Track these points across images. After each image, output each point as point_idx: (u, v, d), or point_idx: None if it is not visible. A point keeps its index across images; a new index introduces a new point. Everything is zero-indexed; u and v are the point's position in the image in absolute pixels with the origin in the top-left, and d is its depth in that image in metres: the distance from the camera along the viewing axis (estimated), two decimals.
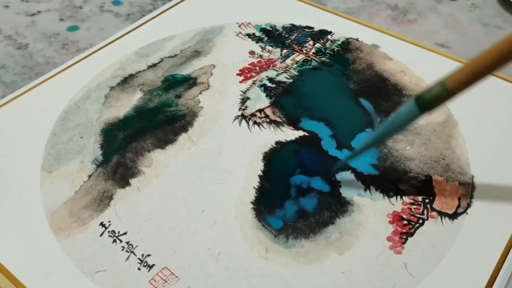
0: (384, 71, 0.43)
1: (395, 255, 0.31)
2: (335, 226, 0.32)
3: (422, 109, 0.30)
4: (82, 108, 0.40)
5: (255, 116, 0.39)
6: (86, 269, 0.30)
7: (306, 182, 0.34)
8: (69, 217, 0.33)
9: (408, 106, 0.31)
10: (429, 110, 0.30)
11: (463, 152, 0.36)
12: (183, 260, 0.30)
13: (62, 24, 0.50)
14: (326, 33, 0.47)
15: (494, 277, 0.30)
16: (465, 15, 0.50)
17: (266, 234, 0.32)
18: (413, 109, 0.30)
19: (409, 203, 0.33)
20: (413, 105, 0.30)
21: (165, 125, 0.38)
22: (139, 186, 0.34)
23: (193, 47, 0.46)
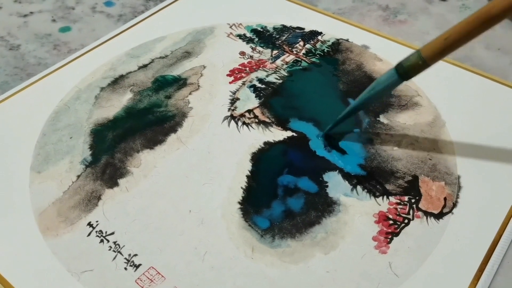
0: (373, 72, 0.43)
1: (380, 254, 0.31)
2: (321, 226, 0.32)
3: (401, 76, 0.33)
4: (72, 109, 0.40)
5: (244, 117, 0.39)
6: (73, 269, 0.30)
7: (293, 182, 0.35)
8: (57, 217, 0.33)
9: (388, 73, 0.34)
10: (407, 77, 0.33)
11: (450, 152, 0.37)
12: (170, 259, 0.31)
13: (54, 25, 0.50)
14: (316, 33, 0.47)
15: (478, 277, 0.30)
16: (456, 16, 0.50)
17: (253, 234, 0.32)
18: (393, 76, 0.33)
19: (395, 203, 0.34)
20: (393, 73, 0.33)
21: (154, 125, 0.39)
22: (127, 186, 0.34)
23: (184, 48, 0.46)
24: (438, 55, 0.32)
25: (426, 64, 0.32)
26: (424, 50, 0.32)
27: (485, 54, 0.46)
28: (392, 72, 0.34)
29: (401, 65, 0.33)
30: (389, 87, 0.35)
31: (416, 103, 0.40)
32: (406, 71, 0.33)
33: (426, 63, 0.32)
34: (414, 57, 0.32)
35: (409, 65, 0.33)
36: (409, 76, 0.33)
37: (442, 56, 0.32)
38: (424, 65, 0.32)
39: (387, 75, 0.34)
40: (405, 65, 0.33)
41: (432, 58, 0.32)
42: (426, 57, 0.32)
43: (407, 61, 0.33)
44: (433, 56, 0.32)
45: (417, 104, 0.40)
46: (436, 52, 0.32)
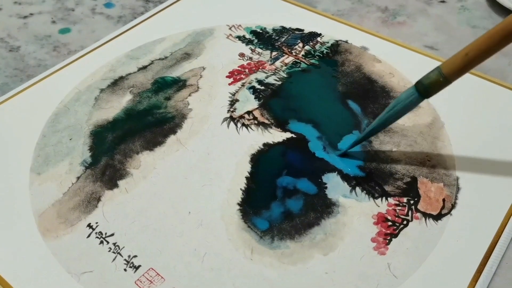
0: (372, 73, 0.43)
1: (379, 255, 0.31)
2: (320, 227, 0.32)
3: (421, 94, 0.32)
4: (72, 110, 0.40)
5: (244, 118, 0.39)
6: (73, 270, 0.30)
7: (293, 183, 0.35)
8: (57, 219, 0.33)
9: (408, 92, 0.33)
10: (428, 95, 0.32)
11: (449, 153, 0.37)
12: (169, 261, 0.31)
13: (54, 27, 0.50)
14: (315, 35, 0.47)
15: (477, 278, 0.30)
16: (455, 17, 0.51)
17: (252, 235, 0.32)
18: (413, 95, 0.32)
19: (394, 204, 0.34)
20: (413, 91, 0.32)
21: (154, 127, 0.39)
22: (127, 188, 0.35)
23: (184, 49, 0.46)
24: (459, 71, 0.31)
25: (448, 81, 0.31)
26: (445, 67, 0.31)
27: None
28: (412, 91, 0.33)
29: (421, 83, 0.32)
30: (410, 106, 0.33)
31: None
32: (427, 89, 0.32)
33: (448, 80, 0.31)
34: (435, 74, 0.32)
35: (429, 83, 0.32)
36: (430, 94, 0.32)
37: (464, 72, 0.31)
38: (445, 82, 0.31)
39: (407, 93, 0.33)
40: (425, 83, 0.32)
41: (453, 75, 0.31)
42: (447, 74, 0.31)
43: (427, 78, 0.32)
44: (454, 73, 0.31)
45: None
46: (457, 69, 0.31)
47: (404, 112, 0.34)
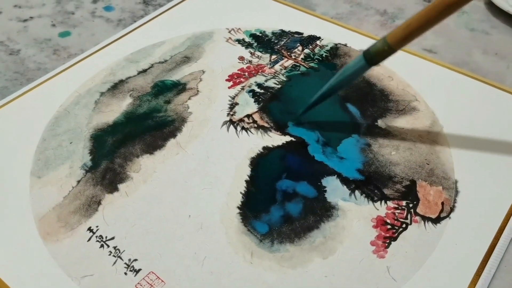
0: (371, 77, 0.43)
1: (378, 259, 0.31)
2: (320, 230, 0.32)
3: (368, 62, 0.35)
4: (72, 114, 0.40)
5: (243, 122, 0.40)
6: (73, 274, 0.30)
7: (292, 187, 0.35)
8: (57, 222, 0.33)
9: (356, 59, 0.36)
10: (374, 63, 0.35)
11: (447, 157, 0.37)
12: (169, 264, 0.31)
13: (53, 30, 0.51)
14: (315, 38, 0.47)
15: (476, 281, 0.30)
16: (453, 20, 0.51)
17: (252, 238, 0.32)
18: (360, 62, 0.35)
19: (393, 207, 0.34)
20: (361, 58, 0.35)
21: (154, 130, 0.39)
22: (127, 191, 0.35)
23: (183, 52, 0.46)
24: (402, 41, 0.33)
25: (392, 50, 0.34)
26: (390, 37, 0.34)
27: (482, 59, 0.46)
28: (360, 58, 0.35)
29: (368, 51, 0.35)
30: (358, 72, 0.36)
31: (414, 108, 0.41)
32: (373, 57, 0.35)
33: (392, 49, 0.34)
34: (381, 43, 0.34)
35: (376, 51, 0.34)
36: (376, 61, 0.35)
37: (406, 42, 0.33)
38: (389, 50, 0.34)
39: (355, 60, 0.36)
40: (372, 51, 0.35)
41: (396, 44, 0.34)
42: (392, 43, 0.34)
43: (374, 47, 0.34)
44: (398, 42, 0.33)
45: (415, 109, 0.40)
46: (400, 38, 0.33)
47: (353, 78, 0.37)
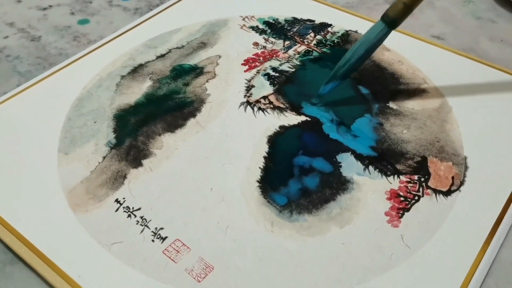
0: (382, 61, 0.45)
1: (392, 228, 0.33)
2: (336, 202, 0.34)
3: (389, 25, 0.37)
4: (94, 96, 0.42)
5: (260, 103, 0.41)
6: (103, 241, 0.32)
7: (309, 162, 0.36)
8: (86, 195, 0.35)
9: (377, 26, 0.38)
10: (395, 25, 0.37)
11: (457, 135, 0.38)
12: (194, 233, 0.32)
13: (73, 18, 0.52)
14: (326, 25, 0.49)
15: (485, 248, 0.32)
16: (460, 9, 0.52)
17: (271, 209, 0.34)
18: (381, 27, 0.38)
19: (405, 181, 0.35)
20: (380, 24, 0.38)
21: (174, 111, 0.40)
22: (151, 167, 0.36)
23: (199, 38, 0.48)
24: None
25: (409, 8, 0.37)
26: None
27: (489, 46, 0.48)
28: (380, 24, 0.38)
29: (387, 15, 0.37)
30: (381, 39, 0.38)
31: (423, 90, 0.42)
32: (393, 19, 0.37)
33: (409, 6, 0.37)
34: (397, 4, 0.37)
35: (394, 13, 0.37)
36: (396, 23, 0.37)
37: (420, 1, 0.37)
38: (406, 9, 0.37)
39: (375, 28, 0.38)
40: (390, 14, 0.37)
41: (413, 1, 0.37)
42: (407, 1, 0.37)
43: (391, 9, 0.37)
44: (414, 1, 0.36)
45: (425, 91, 0.42)
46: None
47: (376, 45, 0.39)
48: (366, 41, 0.38)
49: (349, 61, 0.39)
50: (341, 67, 0.39)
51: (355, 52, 0.38)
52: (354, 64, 0.39)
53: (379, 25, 0.38)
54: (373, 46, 0.38)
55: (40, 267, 0.31)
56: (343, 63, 0.39)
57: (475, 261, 0.31)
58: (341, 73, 0.39)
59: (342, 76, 0.39)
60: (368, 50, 0.38)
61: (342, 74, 0.39)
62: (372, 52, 0.39)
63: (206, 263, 0.31)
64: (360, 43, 0.38)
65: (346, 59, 0.39)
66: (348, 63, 0.39)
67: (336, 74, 0.39)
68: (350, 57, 0.39)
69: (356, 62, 0.39)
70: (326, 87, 0.40)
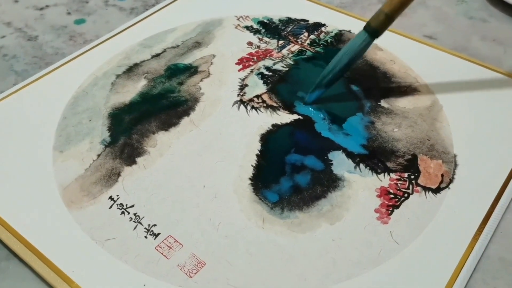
0: (374, 60, 0.45)
1: (382, 224, 0.33)
2: (327, 199, 0.35)
3: (372, 36, 0.38)
4: (90, 94, 0.43)
5: (253, 101, 0.42)
6: (96, 237, 0.32)
7: (300, 160, 0.37)
8: (80, 192, 0.35)
9: (359, 37, 0.39)
10: (377, 35, 0.38)
11: (447, 133, 0.39)
12: (186, 229, 0.33)
13: (69, 18, 0.53)
14: (320, 25, 0.50)
15: (473, 245, 0.32)
16: (452, 9, 0.53)
17: (263, 206, 0.34)
18: (364, 38, 0.38)
19: (395, 179, 0.36)
20: (363, 34, 0.38)
21: (168, 109, 0.41)
22: (144, 164, 0.37)
23: (194, 38, 0.48)
24: (397, 8, 0.37)
25: (390, 18, 0.37)
26: (385, 7, 0.37)
27: (480, 45, 0.48)
28: (362, 34, 0.39)
29: (369, 26, 0.38)
30: (364, 49, 0.39)
31: (415, 89, 0.43)
32: (375, 29, 0.38)
33: (390, 17, 0.37)
34: (379, 16, 0.37)
35: (376, 23, 0.38)
36: (378, 33, 0.38)
37: (401, 9, 0.37)
38: (388, 20, 0.37)
39: (357, 39, 0.39)
40: (372, 25, 0.38)
41: (393, 12, 0.37)
42: (388, 12, 0.37)
43: (373, 20, 0.38)
44: (394, 10, 0.37)
45: (416, 90, 0.43)
46: (395, 7, 0.37)
47: (360, 55, 0.40)
48: (350, 51, 0.39)
49: (333, 71, 0.40)
50: (326, 76, 0.40)
51: (338, 62, 0.39)
52: (338, 73, 0.40)
53: (361, 35, 0.38)
54: (356, 56, 0.39)
55: (34, 263, 0.31)
56: (327, 72, 0.40)
57: (462, 257, 0.31)
58: (326, 82, 0.40)
59: (327, 85, 0.40)
60: (352, 60, 0.39)
61: (326, 82, 0.40)
62: (356, 61, 0.40)
63: (198, 259, 0.31)
64: (343, 53, 0.39)
65: (330, 69, 0.40)
66: (332, 73, 0.40)
67: (321, 83, 0.40)
68: (334, 67, 0.40)
69: (340, 71, 0.40)
70: (312, 95, 0.41)
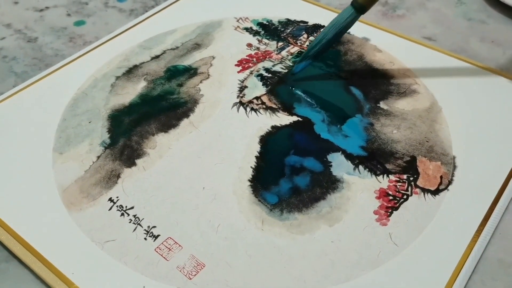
0: (373, 62, 0.46)
1: (380, 226, 0.33)
2: (326, 201, 0.35)
3: (359, 11, 0.40)
4: (89, 96, 0.43)
5: (252, 103, 0.42)
6: (96, 239, 0.32)
7: (299, 162, 0.37)
8: (80, 193, 0.35)
9: (346, 10, 0.41)
10: (363, 11, 0.40)
11: (446, 135, 0.39)
12: (186, 231, 0.33)
13: (69, 19, 0.53)
14: (319, 27, 0.50)
15: (472, 246, 0.32)
16: (452, 10, 0.53)
17: (262, 208, 0.34)
18: (351, 13, 0.40)
19: (394, 180, 0.36)
20: (350, 10, 0.40)
21: (168, 111, 0.41)
22: (144, 166, 0.37)
23: (194, 40, 0.48)
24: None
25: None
26: None
27: (479, 46, 0.49)
28: (350, 9, 0.41)
29: (356, 1, 0.40)
30: (350, 23, 0.41)
31: (414, 90, 0.43)
32: (362, 4, 0.40)
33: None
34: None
35: (363, 0, 0.40)
36: (364, 8, 0.40)
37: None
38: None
39: (345, 13, 0.41)
40: (360, 1, 0.40)
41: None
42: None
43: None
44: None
45: (415, 92, 0.43)
46: None
47: (345, 29, 0.42)
48: (336, 25, 0.41)
49: (320, 42, 0.42)
50: (313, 47, 0.42)
51: (325, 35, 0.42)
52: (324, 45, 0.42)
53: (348, 10, 0.41)
54: (342, 30, 0.41)
55: (34, 264, 0.31)
56: (314, 44, 0.42)
57: (461, 259, 0.32)
58: (313, 53, 0.42)
59: (314, 56, 0.43)
60: (338, 34, 0.42)
61: (313, 54, 0.42)
62: (341, 35, 0.43)
63: (198, 261, 0.31)
64: (330, 27, 0.41)
65: (317, 41, 0.42)
66: (319, 44, 0.42)
67: (308, 54, 0.43)
68: (321, 39, 0.42)
69: (326, 43, 0.42)
70: (299, 66, 0.44)
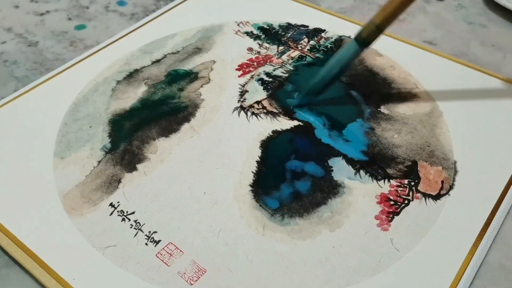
0: (374, 66, 0.46)
1: (382, 231, 0.33)
2: (327, 206, 0.35)
3: (361, 45, 0.39)
4: (90, 100, 0.43)
5: (253, 107, 0.42)
6: (97, 244, 0.32)
7: (300, 166, 0.37)
8: (81, 198, 0.35)
9: (350, 45, 0.39)
10: (367, 45, 0.39)
11: (447, 140, 0.39)
12: (187, 236, 0.33)
13: (70, 23, 0.53)
14: (320, 31, 0.50)
15: (473, 252, 0.32)
16: (452, 14, 0.53)
17: (263, 213, 0.34)
18: (355, 47, 0.39)
19: (396, 185, 0.36)
20: (354, 44, 0.39)
21: (168, 115, 0.41)
22: (145, 171, 0.37)
23: (194, 44, 0.48)
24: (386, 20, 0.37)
25: (380, 29, 0.38)
26: (376, 19, 0.38)
27: (480, 50, 0.49)
28: (353, 43, 0.39)
29: (359, 36, 0.39)
30: (353, 57, 0.39)
31: (415, 95, 0.43)
32: (365, 39, 0.38)
33: (380, 29, 0.38)
34: (369, 26, 0.38)
35: (366, 34, 0.38)
36: (367, 43, 0.39)
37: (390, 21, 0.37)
38: (378, 31, 0.38)
39: (348, 47, 0.39)
40: (363, 35, 0.38)
41: (383, 23, 0.37)
42: (379, 23, 0.37)
43: (364, 31, 0.38)
44: (383, 22, 0.37)
45: (416, 96, 0.43)
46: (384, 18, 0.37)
47: (350, 63, 0.40)
48: (340, 61, 0.39)
49: (324, 79, 0.40)
50: (316, 84, 0.40)
51: (329, 71, 0.40)
52: (328, 82, 0.40)
53: (352, 45, 0.39)
54: (347, 65, 0.40)
55: (35, 270, 0.31)
56: (318, 79, 0.40)
57: (463, 264, 0.32)
58: (316, 90, 0.41)
59: (317, 93, 0.41)
60: (342, 69, 0.40)
61: (316, 91, 0.41)
62: (346, 70, 0.41)
63: (199, 266, 0.31)
64: (334, 62, 0.40)
65: (321, 77, 0.40)
66: (323, 81, 0.40)
67: (311, 91, 0.41)
68: (325, 76, 0.40)
69: (330, 80, 0.40)
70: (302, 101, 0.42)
